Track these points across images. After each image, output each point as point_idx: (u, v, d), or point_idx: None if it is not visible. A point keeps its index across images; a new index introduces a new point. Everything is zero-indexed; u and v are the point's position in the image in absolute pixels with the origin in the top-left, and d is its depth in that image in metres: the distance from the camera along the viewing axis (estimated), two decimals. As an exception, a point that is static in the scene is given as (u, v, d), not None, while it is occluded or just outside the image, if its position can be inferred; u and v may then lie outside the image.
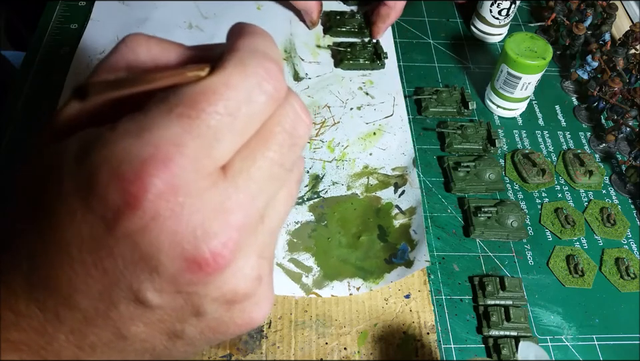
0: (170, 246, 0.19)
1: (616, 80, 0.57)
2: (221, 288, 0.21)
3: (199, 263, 0.20)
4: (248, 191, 0.21)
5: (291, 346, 0.42)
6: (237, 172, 0.21)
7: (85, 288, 0.20)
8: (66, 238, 0.20)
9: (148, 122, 0.20)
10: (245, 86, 0.21)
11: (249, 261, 0.22)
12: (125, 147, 0.19)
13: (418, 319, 0.44)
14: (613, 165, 0.57)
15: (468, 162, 0.53)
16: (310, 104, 0.58)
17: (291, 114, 0.22)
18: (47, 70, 0.58)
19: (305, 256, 0.47)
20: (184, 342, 0.23)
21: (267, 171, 0.21)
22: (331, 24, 0.65)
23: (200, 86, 0.20)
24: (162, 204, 0.19)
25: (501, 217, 0.49)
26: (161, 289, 0.20)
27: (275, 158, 0.22)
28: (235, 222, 0.20)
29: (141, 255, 0.19)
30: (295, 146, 0.22)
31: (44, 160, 0.21)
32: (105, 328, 0.21)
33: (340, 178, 0.53)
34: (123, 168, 0.19)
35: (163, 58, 0.23)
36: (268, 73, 0.21)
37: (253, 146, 0.21)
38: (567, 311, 0.46)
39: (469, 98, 0.58)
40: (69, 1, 0.65)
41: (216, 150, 0.20)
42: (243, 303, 0.22)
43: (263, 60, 0.21)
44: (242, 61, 0.21)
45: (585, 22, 0.63)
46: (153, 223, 0.19)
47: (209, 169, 0.20)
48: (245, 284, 0.22)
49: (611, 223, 0.51)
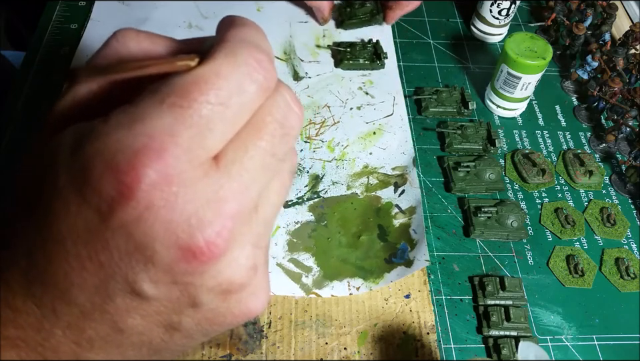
0: (165, 236, 0.19)
1: (616, 80, 0.57)
2: (216, 278, 0.21)
3: (194, 252, 0.20)
4: (241, 181, 0.21)
5: (290, 346, 0.42)
6: (229, 162, 0.21)
7: (81, 282, 0.20)
8: (62, 232, 0.20)
9: (140, 113, 0.20)
10: (235, 76, 0.21)
11: (244, 251, 0.22)
12: (118, 138, 0.19)
13: (418, 319, 0.44)
14: (613, 165, 0.57)
15: (468, 162, 0.53)
16: (310, 104, 0.58)
17: (282, 104, 0.22)
18: (47, 70, 0.58)
19: (305, 256, 0.47)
20: (181, 334, 0.23)
21: (259, 161, 0.22)
22: (342, 19, 0.65)
23: (191, 76, 0.20)
24: (156, 194, 0.19)
25: (500, 217, 0.49)
26: (157, 280, 0.20)
27: (266, 148, 0.22)
28: (229, 211, 0.20)
29: (135, 245, 0.20)
30: (287, 136, 0.23)
31: (41, 158, 0.22)
32: (101, 321, 0.21)
33: (340, 177, 0.53)
34: (116, 159, 0.19)
35: (153, 51, 0.24)
36: (259, 63, 0.21)
37: (245, 136, 0.21)
38: (567, 311, 0.46)
39: (469, 98, 0.58)
40: (69, 1, 0.65)
41: (208, 139, 0.20)
42: (239, 293, 0.22)
43: (254, 50, 0.21)
44: (232, 52, 0.21)
45: (585, 22, 0.63)
46: (147, 213, 0.19)
47: (202, 159, 0.20)
48: (240, 274, 0.22)
49: (611, 223, 0.51)
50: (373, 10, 0.65)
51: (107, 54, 0.23)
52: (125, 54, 0.23)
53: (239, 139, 0.21)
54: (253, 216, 0.22)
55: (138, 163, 0.19)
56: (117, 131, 0.19)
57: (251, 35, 0.22)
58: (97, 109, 0.22)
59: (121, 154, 0.19)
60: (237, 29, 0.22)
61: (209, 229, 0.20)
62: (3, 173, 0.49)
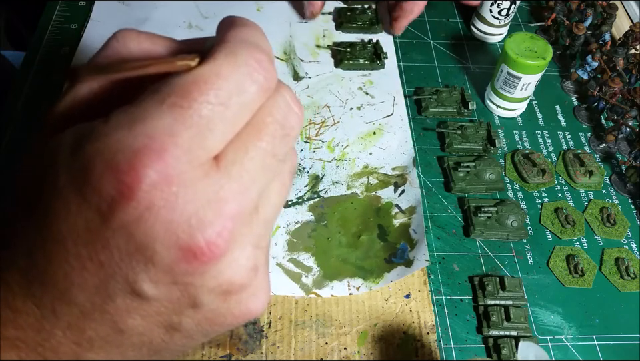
0: (165, 236, 0.19)
1: (616, 80, 0.57)
2: (216, 278, 0.21)
3: (194, 252, 0.20)
4: (241, 181, 0.21)
5: (291, 346, 0.42)
6: (229, 163, 0.21)
7: (81, 282, 0.20)
8: (62, 232, 0.20)
9: (140, 113, 0.20)
10: (235, 76, 0.21)
11: (244, 251, 0.22)
12: (118, 138, 0.19)
13: (418, 319, 0.44)
14: (613, 165, 0.57)
15: (468, 162, 0.53)
16: (310, 104, 0.58)
17: (282, 104, 0.22)
18: (47, 70, 0.58)
19: (305, 256, 0.47)
20: (181, 334, 0.23)
21: (259, 161, 0.22)
22: (342, 20, 0.65)
23: (191, 76, 0.20)
24: (156, 194, 0.19)
25: (501, 217, 0.49)
26: (157, 280, 0.20)
27: (267, 149, 0.22)
28: (229, 212, 0.20)
29: (136, 246, 0.20)
30: (287, 136, 0.23)
31: (41, 158, 0.21)
32: (102, 322, 0.21)
33: (340, 177, 0.53)
34: (116, 159, 0.19)
35: (153, 51, 0.24)
36: (259, 63, 0.21)
37: (245, 136, 0.21)
38: (567, 311, 0.46)
39: (469, 98, 0.58)
40: (69, 1, 0.65)
41: (209, 140, 0.20)
42: (239, 294, 0.22)
43: (254, 50, 0.21)
44: (233, 52, 0.21)
45: (585, 22, 0.63)
46: (148, 213, 0.19)
47: (202, 159, 0.20)
48: (240, 274, 0.22)
49: (611, 223, 0.51)
50: (373, 19, 0.65)
51: (107, 54, 0.23)
52: (125, 55, 0.23)
53: (239, 139, 0.21)
54: (254, 216, 0.22)
55: (138, 163, 0.19)
56: (117, 131, 0.19)
57: (251, 35, 0.22)
58: (97, 109, 0.22)
59: (121, 154, 0.19)
60: (237, 29, 0.22)
61: (209, 229, 0.20)
62: (3, 173, 0.49)
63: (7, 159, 0.51)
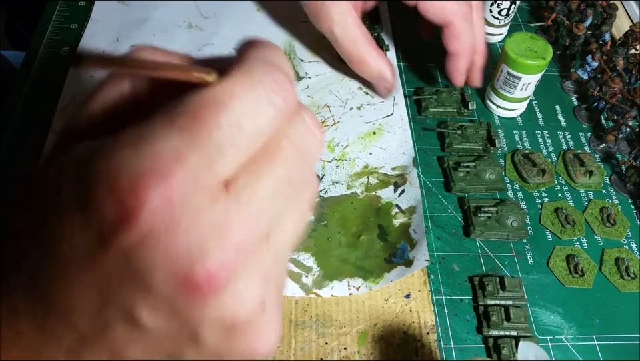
0: (164, 264, 0.18)
1: (616, 80, 0.57)
2: (218, 312, 0.20)
3: (194, 283, 0.19)
4: (250, 209, 0.20)
5: (290, 346, 0.42)
6: (240, 189, 0.20)
7: (81, 306, 0.19)
8: (64, 253, 0.19)
9: (148, 133, 0.19)
10: (251, 97, 0.20)
11: (249, 284, 0.20)
12: (123, 158, 0.18)
13: (418, 319, 0.44)
14: (613, 165, 0.57)
15: (468, 162, 0.53)
16: (310, 104, 0.58)
17: (301, 127, 0.21)
18: (47, 70, 0.58)
19: (305, 256, 0.47)
20: None
21: (272, 188, 0.20)
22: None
23: (204, 96, 0.19)
24: (158, 220, 0.18)
25: (501, 217, 0.49)
26: (156, 309, 0.19)
27: (282, 175, 0.20)
28: (234, 240, 0.19)
29: (134, 272, 0.18)
30: (305, 163, 0.21)
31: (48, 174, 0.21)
32: (101, 349, 0.20)
33: (340, 177, 0.53)
34: (119, 181, 0.18)
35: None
36: (277, 84, 0.20)
37: (259, 161, 0.20)
38: (567, 311, 0.46)
39: (469, 98, 0.58)
40: (69, 1, 0.65)
41: (218, 164, 0.19)
42: (244, 331, 0.21)
43: (272, 70, 0.20)
44: (250, 71, 0.20)
45: (585, 22, 0.63)
46: (148, 239, 0.18)
47: (210, 184, 0.19)
48: (245, 309, 0.20)
49: (611, 223, 0.51)
50: (373, 19, 0.64)
51: None
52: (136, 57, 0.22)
53: (252, 164, 0.20)
54: (263, 247, 0.21)
55: (141, 186, 0.18)
56: (123, 150, 0.18)
57: (271, 55, 0.21)
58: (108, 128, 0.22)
59: (125, 176, 0.18)
60: (255, 49, 0.21)
61: (210, 259, 0.19)
62: (3, 173, 0.49)
63: (7, 159, 0.51)
